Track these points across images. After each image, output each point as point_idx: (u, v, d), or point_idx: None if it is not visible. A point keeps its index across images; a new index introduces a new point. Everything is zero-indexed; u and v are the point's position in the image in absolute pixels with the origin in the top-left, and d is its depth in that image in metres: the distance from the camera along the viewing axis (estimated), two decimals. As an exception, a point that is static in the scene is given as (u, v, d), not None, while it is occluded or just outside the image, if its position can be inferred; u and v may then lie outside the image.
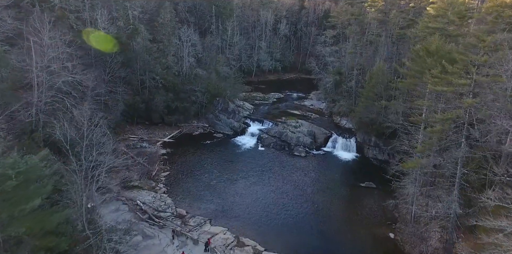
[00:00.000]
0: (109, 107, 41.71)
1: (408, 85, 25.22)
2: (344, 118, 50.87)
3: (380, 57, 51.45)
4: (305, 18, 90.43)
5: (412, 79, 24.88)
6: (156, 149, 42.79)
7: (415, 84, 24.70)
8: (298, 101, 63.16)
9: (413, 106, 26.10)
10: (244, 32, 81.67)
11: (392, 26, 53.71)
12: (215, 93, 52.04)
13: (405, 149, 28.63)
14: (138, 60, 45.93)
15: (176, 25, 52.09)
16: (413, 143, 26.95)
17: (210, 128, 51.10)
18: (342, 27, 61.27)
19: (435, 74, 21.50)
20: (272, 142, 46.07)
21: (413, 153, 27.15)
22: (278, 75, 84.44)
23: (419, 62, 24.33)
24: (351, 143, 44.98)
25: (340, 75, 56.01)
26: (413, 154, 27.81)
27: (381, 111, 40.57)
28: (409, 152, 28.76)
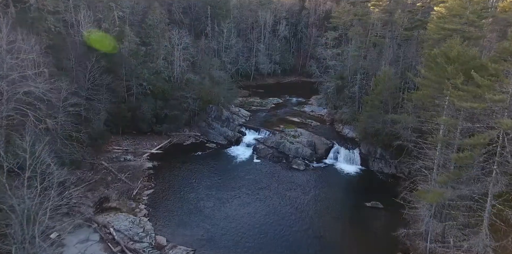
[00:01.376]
0: (90, 117, 37.87)
1: (423, 97, 21.20)
2: (346, 127, 46.83)
3: (385, 60, 47.34)
4: (305, 19, 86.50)
5: (427, 90, 20.85)
6: (142, 162, 38.92)
7: (431, 97, 20.69)
8: (298, 107, 59.19)
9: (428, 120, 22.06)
10: (242, 34, 77.84)
11: (398, 27, 49.78)
12: (208, 100, 48.14)
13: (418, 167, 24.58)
14: (124, 65, 42.09)
15: (167, 27, 48.27)
16: (428, 163, 22.92)
17: (202, 137, 47.21)
18: (344, 28, 57.26)
19: (460, 87, 17.53)
20: (269, 153, 42.11)
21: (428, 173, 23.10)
22: (277, 78, 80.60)
23: (436, 70, 20.32)
24: (355, 155, 40.95)
25: (342, 80, 52.00)
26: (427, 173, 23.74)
27: (388, 121, 36.52)
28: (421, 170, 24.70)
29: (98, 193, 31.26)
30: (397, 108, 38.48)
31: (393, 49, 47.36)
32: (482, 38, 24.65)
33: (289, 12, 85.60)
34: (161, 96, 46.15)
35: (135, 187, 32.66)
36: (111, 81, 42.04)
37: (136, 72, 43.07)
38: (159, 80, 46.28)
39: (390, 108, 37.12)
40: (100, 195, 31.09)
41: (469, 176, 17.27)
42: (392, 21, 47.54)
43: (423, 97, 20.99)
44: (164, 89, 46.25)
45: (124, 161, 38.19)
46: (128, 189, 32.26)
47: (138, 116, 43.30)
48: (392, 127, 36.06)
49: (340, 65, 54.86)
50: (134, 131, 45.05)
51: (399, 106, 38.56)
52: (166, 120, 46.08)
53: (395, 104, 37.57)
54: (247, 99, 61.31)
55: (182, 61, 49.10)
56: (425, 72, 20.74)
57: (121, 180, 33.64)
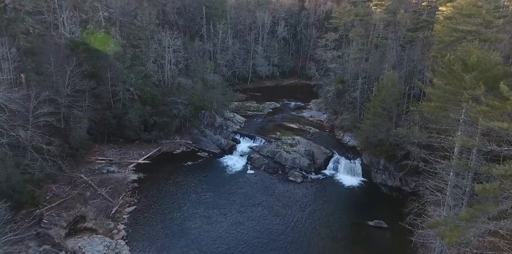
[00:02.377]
0: (70, 126, 34.95)
1: (434, 110, 18.14)
2: (347, 134, 43.73)
3: (388, 63, 44.25)
4: (305, 19, 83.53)
5: (440, 102, 17.77)
6: (126, 173, 35.96)
7: (445, 109, 17.62)
8: (296, 111, 56.15)
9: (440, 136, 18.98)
10: (240, 35, 74.96)
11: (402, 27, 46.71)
12: (200, 106, 45.19)
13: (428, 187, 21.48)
14: (108, 69, 39.16)
15: (157, 28, 45.33)
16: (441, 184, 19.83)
17: (194, 145, 44.23)
18: (345, 29, 54.14)
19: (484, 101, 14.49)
20: (264, 164, 39.06)
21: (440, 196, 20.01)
22: (276, 81, 77.70)
23: (451, 78, 17.24)
24: (356, 165, 37.85)
25: (342, 84, 48.91)
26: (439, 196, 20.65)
27: (391, 131, 33.39)
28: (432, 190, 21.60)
29: (74, 211, 28.31)
30: (401, 115, 35.45)
31: (396, 51, 44.23)
32: (501, 40, 21.69)
33: (288, 12, 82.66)
34: (150, 102, 43.21)
35: (115, 204, 29.68)
36: (95, 86, 39.27)
37: (123, 76, 40.10)
38: (148, 85, 43.37)
39: (394, 116, 34.03)
40: (76, 213, 28.14)
41: (499, 210, 14.25)
42: (395, 21, 44.41)
43: (435, 110, 17.92)
44: (154, 95, 43.32)
45: (107, 173, 35.23)
46: (107, 206, 29.30)
47: (125, 123, 40.35)
48: (396, 136, 32.98)
49: (340, 68, 51.77)
50: (121, 139, 42.10)
51: (403, 113, 35.54)
52: (156, 128, 43.14)
53: (399, 111, 34.48)
54: (243, 104, 58.31)
55: (173, 65, 46.14)
56: (437, 81, 17.67)
57: (101, 195, 30.66)
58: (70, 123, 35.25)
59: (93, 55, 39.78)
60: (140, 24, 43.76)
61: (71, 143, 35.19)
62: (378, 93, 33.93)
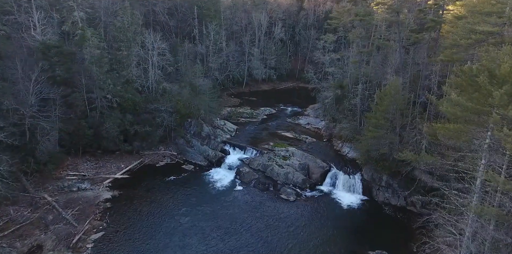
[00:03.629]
0: (37, 138, 31.26)
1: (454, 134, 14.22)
2: (346, 145, 39.77)
3: (390, 67, 40.24)
4: (304, 20, 79.57)
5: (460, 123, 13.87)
6: (100, 191, 32.19)
7: (467, 132, 13.72)
8: (292, 118, 52.21)
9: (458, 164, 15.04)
10: (236, 37, 71.08)
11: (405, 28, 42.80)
12: (186, 114, 41.35)
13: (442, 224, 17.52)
14: (84, 74, 35.43)
15: (139, 30, 41.56)
16: (459, 224, 15.88)
17: (179, 157, 40.42)
18: (344, 30, 50.22)
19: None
20: (254, 179, 35.19)
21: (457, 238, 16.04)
22: (273, 84, 73.82)
23: (474, 93, 13.29)
24: (356, 181, 33.90)
25: (341, 89, 44.97)
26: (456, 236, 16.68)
27: (395, 145, 29.51)
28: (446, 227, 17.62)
29: (30, 239, 24.55)
30: (406, 126, 31.47)
31: (400, 54, 40.22)
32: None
33: (286, 13, 78.73)
34: (131, 109, 39.44)
35: (79, 230, 25.87)
36: (68, 94, 35.57)
37: (99, 82, 36.35)
38: (129, 91, 39.58)
39: (398, 128, 30.07)
40: (33, 242, 24.37)
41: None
42: (398, 22, 40.43)
43: (454, 134, 14.01)
44: (135, 102, 39.55)
45: (77, 191, 31.46)
46: (69, 233, 25.51)
47: (102, 134, 36.55)
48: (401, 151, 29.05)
49: (339, 72, 47.81)
50: (99, 150, 38.30)
51: (408, 125, 31.56)
52: (137, 138, 39.39)
53: (404, 122, 30.50)
54: (236, 110, 54.46)
55: (157, 69, 42.35)
56: (457, 97, 13.75)
57: (65, 219, 26.86)
58: (36, 135, 31.55)
59: (67, 59, 36.14)
60: (121, 25, 40.00)
61: (38, 158, 31.53)
62: (380, 102, 29.99)
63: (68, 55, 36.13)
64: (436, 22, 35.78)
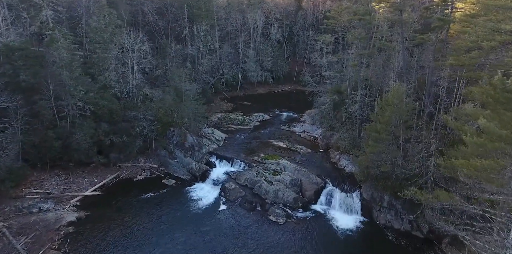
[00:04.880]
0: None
1: (482, 173, 10.32)
2: (344, 157, 35.87)
3: (393, 70, 36.33)
4: (302, 20, 75.77)
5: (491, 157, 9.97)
6: (64, 212, 28.48)
7: (499, 171, 9.83)
8: (287, 125, 48.34)
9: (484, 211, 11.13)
10: (231, 38, 67.35)
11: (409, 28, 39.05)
12: (168, 122, 37.60)
13: None
14: (51, 80, 31.77)
15: (117, 30, 37.84)
16: None
17: (160, 169, 36.73)
18: (343, 30, 46.37)
19: None
20: (240, 196, 31.37)
21: None
22: (269, 87, 70.04)
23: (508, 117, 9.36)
24: (354, 200, 29.98)
25: (339, 95, 41.11)
26: None
27: (399, 161, 25.59)
28: None
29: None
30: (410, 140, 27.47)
31: (403, 56, 36.37)
32: None
33: (283, 13, 74.98)
34: (107, 118, 35.80)
35: (29, 264, 22.09)
36: (35, 101, 31.97)
37: (69, 88, 32.68)
38: (105, 98, 35.89)
39: (402, 142, 26.11)
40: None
41: None
42: (402, 21, 36.56)
43: (483, 172, 10.13)
44: (112, 109, 35.86)
45: (38, 213, 27.75)
46: (17, 267, 21.72)
47: (72, 145, 32.86)
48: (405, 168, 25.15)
49: (337, 76, 43.93)
50: (72, 163, 34.59)
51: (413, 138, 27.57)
52: (114, 149, 35.72)
53: (409, 136, 26.53)
54: (227, 116, 50.66)
55: (137, 72, 38.65)
56: (485, 122, 9.85)
57: (16, 249, 23.12)
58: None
59: (34, 62, 32.52)
60: (96, 25, 36.33)
61: (-4, 173, 27.89)
62: (381, 112, 26.07)
63: (34, 59, 32.52)
64: (444, 22, 31.84)
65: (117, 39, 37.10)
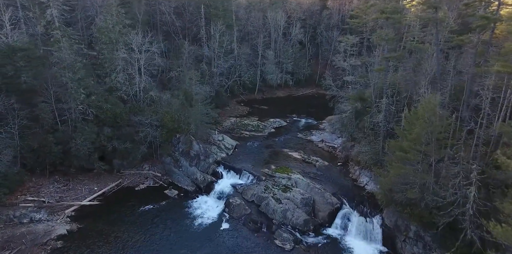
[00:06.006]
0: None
1: None
2: (365, 173, 31.88)
3: (425, 76, 31.85)
4: (326, 20, 71.62)
5: None
6: (57, 223, 26.68)
7: None
8: (304, 133, 44.74)
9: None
10: (250, 38, 64.52)
11: (445, 28, 34.46)
12: (174, 128, 35.20)
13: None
14: (51, 82, 30.21)
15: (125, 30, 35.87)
16: None
17: (164, 178, 34.45)
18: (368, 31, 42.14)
19: None
20: (245, 214, 28.29)
21: None
22: (289, 91, 66.62)
23: None
24: (374, 226, 26.04)
25: (362, 102, 36.99)
26: None
27: (429, 187, 21.47)
28: None
29: None
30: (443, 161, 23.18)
31: (437, 60, 31.87)
32: None
33: (307, 12, 71.23)
34: (111, 122, 33.94)
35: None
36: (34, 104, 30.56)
37: (71, 91, 30.99)
38: (109, 101, 34.03)
39: (434, 163, 21.94)
40: None
41: None
42: (437, 20, 32.05)
43: None
44: (116, 113, 33.93)
45: (29, 223, 26.07)
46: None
47: (72, 151, 31.16)
48: (437, 195, 21.03)
49: (360, 82, 39.79)
50: (73, 168, 32.95)
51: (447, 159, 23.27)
52: (117, 155, 33.78)
53: (442, 156, 22.30)
54: (241, 121, 47.75)
55: (144, 74, 36.54)
56: None
57: (-5, 266, 21.34)
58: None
59: (36, 63, 31.15)
60: (104, 24, 34.55)
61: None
62: (409, 127, 22.01)
63: (37, 59, 31.14)
64: (488, 20, 27.29)
65: (124, 40, 35.10)
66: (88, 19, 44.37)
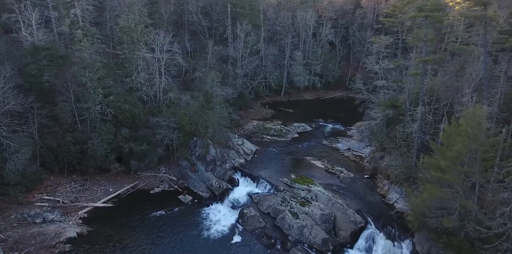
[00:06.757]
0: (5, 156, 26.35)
1: None
2: (395, 189, 28.73)
3: (469, 82, 28.09)
4: (360, 20, 67.78)
5: None
6: (69, 225, 26.22)
7: None
8: (330, 140, 41.95)
9: None
10: (279, 38, 62.39)
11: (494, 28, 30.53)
12: (191, 131, 33.94)
13: None
14: (71, 81, 29.96)
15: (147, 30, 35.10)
16: None
17: (180, 183, 33.31)
18: (405, 31, 38.54)
19: None
20: (259, 227, 26.33)
21: None
22: (317, 93, 63.78)
23: None
24: (403, 252, 23.02)
25: (395, 110, 33.70)
26: None
27: (472, 214, 18.28)
28: None
29: None
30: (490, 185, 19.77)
31: (484, 63, 28.05)
32: None
33: (339, 11, 67.81)
34: (129, 123, 33.31)
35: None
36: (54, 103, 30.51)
37: (89, 91, 30.61)
38: (128, 101, 33.42)
39: (478, 188, 18.68)
40: None
41: None
42: (486, 19, 28.21)
43: None
44: (134, 114, 33.25)
45: (41, 223, 25.78)
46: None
47: (88, 151, 30.80)
48: (481, 224, 17.83)
49: (393, 87, 36.37)
50: (91, 168, 32.63)
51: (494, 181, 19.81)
52: (134, 157, 33.10)
53: (488, 177, 18.98)
54: (264, 124, 45.74)
55: (165, 75, 35.62)
56: None
57: (1, 269, 20.97)
58: (5, 153, 26.59)
59: (58, 63, 31.12)
60: (125, 24, 33.99)
61: (5, 178, 26.58)
62: (449, 143, 18.88)
63: (59, 59, 31.09)
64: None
65: (145, 39, 34.32)
66: (116, 19, 44.38)
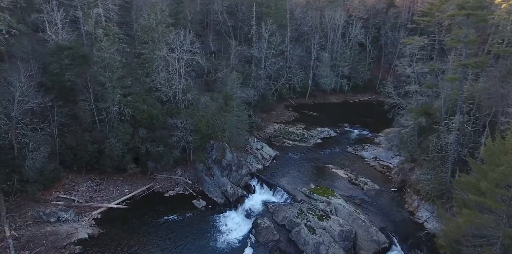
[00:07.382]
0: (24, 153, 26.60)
1: None
2: (425, 206, 26.04)
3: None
4: (393, 19, 64.02)
5: None
6: (82, 225, 25.97)
7: None
8: (355, 147, 39.48)
9: None
10: (306, 38, 60.26)
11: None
12: (208, 134, 32.89)
13: None
14: (90, 80, 29.85)
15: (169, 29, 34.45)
16: None
17: (195, 186, 32.38)
18: (442, 31, 35.34)
19: None
20: (273, 240, 24.70)
21: None
22: (344, 96, 61.05)
23: None
24: (430, 279, 20.49)
25: (428, 118, 30.76)
26: None
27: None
28: None
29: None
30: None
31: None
32: None
33: (371, 11, 64.44)
34: (147, 123, 32.84)
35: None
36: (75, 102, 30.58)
37: (108, 91, 30.38)
38: (147, 102, 32.95)
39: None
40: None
41: None
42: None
43: None
44: (152, 115, 32.72)
45: (55, 223, 25.68)
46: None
47: (105, 151, 30.59)
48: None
49: (427, 92, 33.36)
50: (109, 167, 32.45)
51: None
52: (150, 158, 32.59)
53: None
54: (285, 128, 43.96)
55: (184, 75, 34.84)
56: None
57: (10, 269, 20.86)
58: (25, 151, 26.83)
59: (80, 62, 31.18)
60: (146, 23, 33.54)
61: (24, 175, 26.82)
62: (491, 162, 16.23)
63: (81, 58, 31.14)
64: None
65: (166, 39, 33.68)
66: (139, 19, 44.42)
